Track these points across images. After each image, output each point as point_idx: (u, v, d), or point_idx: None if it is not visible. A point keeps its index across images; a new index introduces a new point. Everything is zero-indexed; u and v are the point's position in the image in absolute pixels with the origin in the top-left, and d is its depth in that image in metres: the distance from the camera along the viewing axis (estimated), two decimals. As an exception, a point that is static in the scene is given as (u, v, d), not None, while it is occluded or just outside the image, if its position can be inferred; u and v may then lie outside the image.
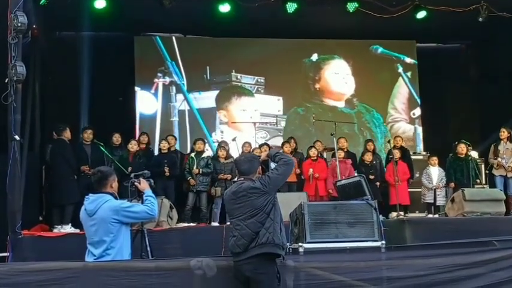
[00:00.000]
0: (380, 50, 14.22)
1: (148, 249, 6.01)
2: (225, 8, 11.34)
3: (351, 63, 14.19)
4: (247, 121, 13.11)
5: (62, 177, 9.25)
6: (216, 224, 9.66)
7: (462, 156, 10.80)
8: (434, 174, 10.94)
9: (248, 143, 11.20)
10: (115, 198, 4.93)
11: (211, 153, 11.19)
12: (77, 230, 8.42)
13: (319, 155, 11.14)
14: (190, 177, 10.02)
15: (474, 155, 11.35)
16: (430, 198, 10.90)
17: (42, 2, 9.82)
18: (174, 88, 13.38)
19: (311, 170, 10.60)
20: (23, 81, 7.53)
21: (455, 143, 11.00)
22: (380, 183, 10.86)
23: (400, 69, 14.33)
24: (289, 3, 11.21)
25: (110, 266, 4.91)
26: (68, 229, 8.80)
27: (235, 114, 13.56)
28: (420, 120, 14.30)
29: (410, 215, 10.65)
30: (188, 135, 13.09)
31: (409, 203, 10.92)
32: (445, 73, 13.96)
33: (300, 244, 5.69)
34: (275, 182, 4.88)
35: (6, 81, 7.39)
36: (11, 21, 7.35)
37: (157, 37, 13.39)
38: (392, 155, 10.73)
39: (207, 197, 10.10)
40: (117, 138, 10.25)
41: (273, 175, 4.88)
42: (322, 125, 12.10)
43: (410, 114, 14.32)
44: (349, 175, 10.03)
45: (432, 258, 5.53)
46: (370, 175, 10.31)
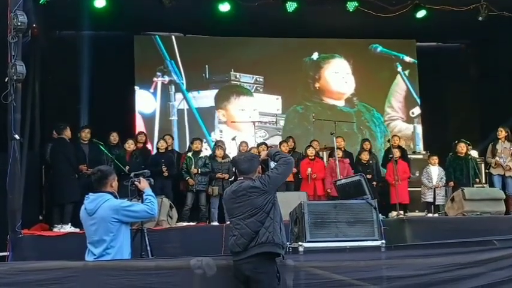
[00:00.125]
0: (379, 49, 14.21)
1: (148, 248, 6.00)
2: (224, 7, 11.33)
3: (351, 62, 14.19)
4: (246, 120, 13.10)
5: (63, 176, 9.25)
6: (215, 224, 9.66)
7: (462, 155, 10.80)
8: (434, 173, 10.94)
9: (245, 142, 11.20)
10: (115, 197, 4.93)
11: (207, 153, 11.16)
12: (76, 229, 8.42)
13: (317, 154, 11.14)
14: (189, 177, 10.02)
15: (474, 154, 11.35)
16: (429, 197, 10.91)
17: (42, 1, 9.79)
18: (173, 87, 13.38)
19: (309, 169, 10.59)
20: (23, 81, 7.54)
21: (455, 142, 10.99)
22: (376, 183, 10.84)
23: (399, 68, 14.33)
24: (289, 3, 11.20)
25: (110, 266, 4.91)
26: (68, 228, 8.80)
27: (234, 114, 13.55)
28: (420, 119, 14.29)
29: (410, 214, 10.65)
30: (187, 135, 13.08)
31: (408, 202, 10.92)
32: (445, 72, 13.94)
33: (300, 243, 5.68)
34: (275, 181, 4.87)
35: (6, 80, 7.39)
36: (11, 21, 7.36)
37: (157, 36, 13.38)
38: (392, 154, 10.74)
39: (206, 196, 10.11)
40: (114, 137, 10.22)
41: (272, 174, 4.88)
42: (322, 123, 12.10)
43: (410, 113, 14.31)
44: (347, 174, 10.02)
45: (432, 258, 5.53)
46: (367, 174, 10.24)
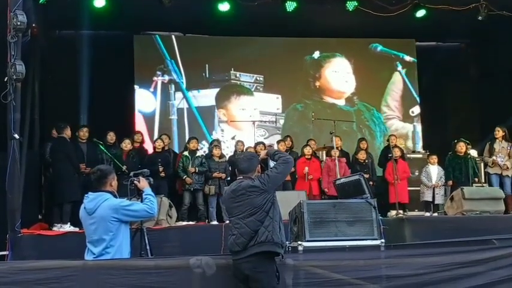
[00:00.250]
0: (379, 48, 14.21)
1: (147, 247, 5.99)
2: (224, 7, 11.34)
3: (352, 62, 14.19)
4: (246, 120, 13.10)
5: (63, 176, 9.23)
6: (215, 223, 9.66)
7: (461, 154, 10.79)
8: (434, 172, 10.92)
9: (241, 142, 11.21)
10: (114, 196, 4.93)
11: (203, 152, 11.15)
12: (76, 229, 8.41)
13: (314, 153, 11.12)
14: (187, 176, 10.03)
15: (473, 153, 11.34)
16: (429, 196, 10.88)
17: (41, 0, 9.82)
18: (173, 86, 13.38)
19: (306, 168, 10.55)
20: (23, 80, 7.55)
21: (454, 142, 10.98)
22: (373, 183, 10.81)
23: (399, 67, 14.33)
24: (288, 2, 11.21)
25: (110, 265, 4.91)
26: (67, 228, 8.79)
27: (234, 113, 13.55)
28: (419, 118, 14.29)
29: (410, 213, 10.64)
30: (187, 134, 13.06)
31: (407, 201, 10.91)
32: (445, 72, 13.93)
33: (299, 242, 5.67)
34: (274, 181, 4.87)
35: (6, 79, 7.40)
36: (11, 20, 7.36)
37: (156, 36, 13.38)
38: (392, 153, 10.74)
39: (203, 195, 10.12)
40: (111, 137, 10.17)
41: (272, 173, 4.88)
42: (321, 122, 12.08)
43: (409, 112, 14.31)
44: (344, 174, 10.03)
45: (431, 257, 5.53)
46: (364, 174, 10.25)
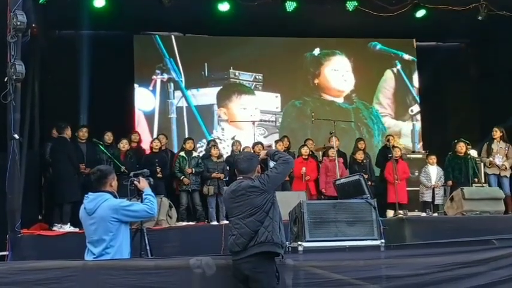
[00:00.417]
0: (379, 46, 14.21)
1: (147, 248, 5.99)
2: (224, 7, 11.34)
3: (352, 60, 14.17)
4: (246, 119, 13.09)
5: (64, 176, 9.21)
6: (215, 223, 9.65)
7: (461, 155, 10.78)
8: (433, 173, 10.91)
9: (238, 141, 11.22)
10: (114, 197, 4.93)
11: (199, 153, 11.14)
12: (76, 229, 8.41)
13: (311, 153, 11.12)
14: (184, 177, 10.03)
15: (473, 153, 11.32)
16: (428, 196, 10.87)
17: (41, 0, 9.81)
18: (172, 85, 13.35)
19: (304, 168, 10.52)
20: (22, 80, 7.55)
21: (454, 142, 10.97)
22: (372, 183, 10.79)
23: (398, 66, 14.31)
24: (288, 2, 11.20)
25: (110, 265, 4.91)
26: (67, 228, 8.79)
27: (235, 112, 13.54)
28: (419, 117, 14.27)
29: (410, 213, 10.63)
30: (186, 132, 13.06)
31: (406, 201, 10.89)
32: (445, 72, 13.93)
33: (299, 243, 5.67)
34: (274, 181, 4.88)
35: (6, 80, 7.39)
36: (10, 20, 7.36)
37: (156, 36, 13.37)
38: (392, 153, 10.73)
39: (200, 195, 10.13)
40: (109, 137, 10.12)
41: (272, 174, 4.88)
42: (320, 119, 12.09)
43: (409, 111, 14.31)
44: (342, 174, 10.03)
45: (431, 257, 5.53)
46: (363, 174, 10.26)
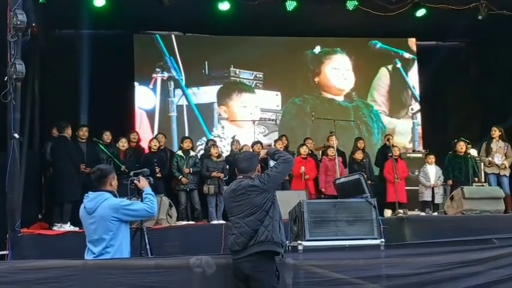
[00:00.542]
0: (379, 45, 14.21)
1: (147, 247, 6.00)
2: (224, 6, 11.33)
3: (352, 58, 14.17)
4: (246, 118, 13.10)
5: (64, 175, 9.20)
6: (215, 222, 9.66)
7: (461, 154, 10.78)
8: (432, 172, 10.87)
9: (237, 141, 11.23)
10: (114, 196, 4.92)
11: (196, 152, 11.15)
12: (76, 228, 8.41)
13: (311, 152, 11.12)
14: (182, 176, 10.03)
15: (473, 153, 11.33)
16: (427, 196, 10.84)
17: (41, 0, 9.81)
18: (172, 83, 13.34)
19: (303, 168, 10.51)
20: (23, 80, 7.55)
21: (454, 141, 10.97)
22: (371, 182, 10.78)
23: (398, 64, 14.32)
24: (288, 1, 11.19)
25: (110, 264, 4.91)
26: (67, 227, 8.79)
27: (235, 110, 13.53)
28: (418, 116, 14.27)
29: (410, 213, 10.64)
30: (186, 131, 13.06)
31: (406, 201, 10.87)
32: (445, 71, 13.94)
33: (299, 242, 5.68)
34: (274, 180, 4.88)
35: (6, 79, 7.40)
36: (11, 20, 7.37)
37: (156, 35, 13.37)
38: (392, 152, 10.74)
39: (198, 194, 10.15)
40: (107, 136, 10.12)
41: (272, 173, 4.88)
42: (319, 117, 12.08)
43: (409, 110, 14.31)
44: (341, 173, 10.03)
45: (431, 256, 5.53)
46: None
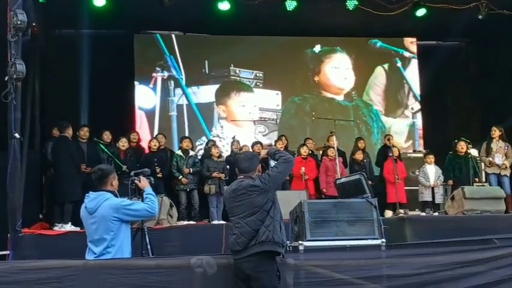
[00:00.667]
0: (379, 44, 14.21)
1: (148, 247, 6.01)
2: (224, 6, 11.34)
3: (352, 57, 14.16)
4: (246, 118, 13.12)
5: (65, 175, 9.19)
6: (216, 222, 9.66)
7: (462, 154, 10.77)
8: (431, 172, 10.83)
9: (237, 141, 11.23)
10: (115, 196, 4.92)
11: (196, 152, 11.15)
12: (77, 228, 8.41)
13: (311, 152, 11.11)
14: (182, 176, 10.03)
15: (474, 153, 11.32)
16: (427, 196, 10.80)
17: (41, -1, 9.82)
18: (172, 82, 13.33)
19: (303, 168, 10.49)
20: (23, 79, 7.54)
21: (455, 141, 10.96)
22: (371, 182, 10.76)
23: (398, 63, 14.32)
24: (288, 1, 11.21)
25: (110, 264, 4.91)
26: (68, 227, 8.79)
27: (234, 110, 13.51)
28: (420, 115, 14.28)
29: (410, 213, 10.63)
30: (186, 130, 13.07)
31: (406, 201, 10.85)
32: (445, 71, 13.94)
33: (300, 242, 5.68)
34: (275, 180, 4.88)
35: (6, 79, 7.39)
36: (11, 19, 7.36)
37: (157, 35, 13.37)
38: (392, 152, 10.74)
39: (198, 194, 10.16)
40: (107, 136, 10.12)
41: (272, 173, 4.88)
42: (319, 116, 12.08)
43: (409, 109, 14.31)
44: (341, 173, 10.03)
45: (432, 256, 5.53)
46: None
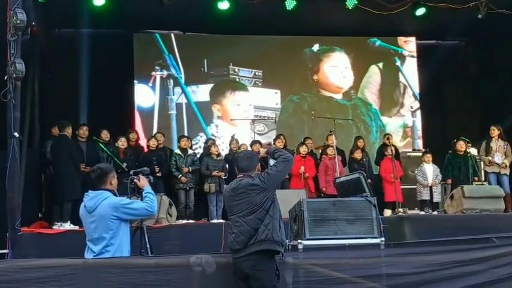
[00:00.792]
0: (378, 43, 14.20)
1: (147, 246, 6.00)
2: (224, 5, 11.32)
3: (351, 56, 14.15)
4: (240, 117, 13.15)
5: (64, 174, 9.19)
6: (215, 221, 9.66)
7: (461, 153, 10.78)
8: (429, 171, 10.84)
9: (235, 140, 11.24)
10: (114, 195, 4.93)
11: (193, 150, 11.13)
12: (76, 227, 8.42)
13: (311, 151, 11.11)
14: (181, 175, 10.04)
15: (473, 152, 11.33)
16: (426, 195, 10.80)
17: (41, -1, 9.82)
18: (171, 81, 13.31)
19: (302, 167, 10.49)
20: (22, 79, 7.55)
21: (454, 141, 10.97)
22: (371, 181, 10.73)
23: (397, 62, 14.31)
24: (288, 0, 11.19)
25: (110, 263, 4.92)
26: (67, 226, 8.80)
27: (229, 109, 13.49)
28: (417, 114, 14.25)
29: (409, 212, 10.63)
30: (186, 129, 13.06)
31: (402, 200, 10.82)
32: (445, 70, 13.94)
33: (299, 241, 5.70)
34: (274, 179, 4.88)
35: (6, 78, 7.40)
36: (10, 19, 7.37)
37: (156, 34, 13.36)
38: (392, 152, 10.74)
39: (197, 193, 10.18)
40: (105, 135, 10.12)
41: (272, 172, 4.88)
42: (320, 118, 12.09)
43: (409, 108, 14.30)
44: (341, 172, 10.02)
45: (431, 255, 5.53)
46: None
